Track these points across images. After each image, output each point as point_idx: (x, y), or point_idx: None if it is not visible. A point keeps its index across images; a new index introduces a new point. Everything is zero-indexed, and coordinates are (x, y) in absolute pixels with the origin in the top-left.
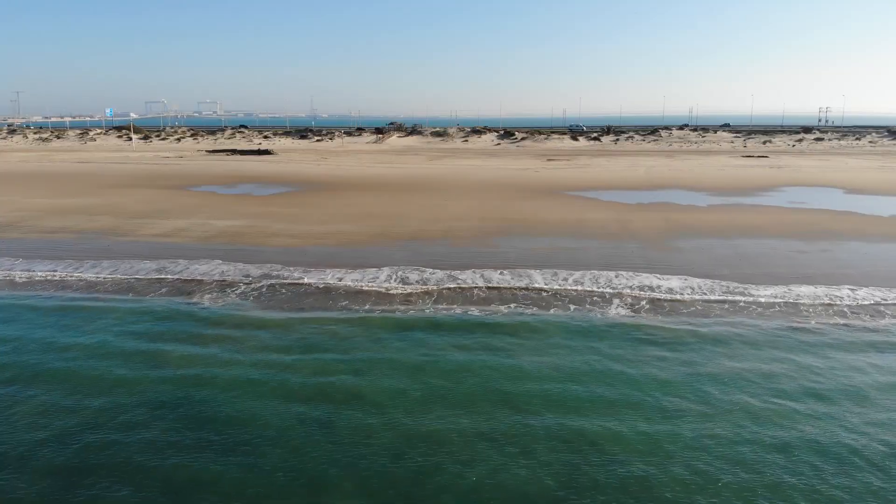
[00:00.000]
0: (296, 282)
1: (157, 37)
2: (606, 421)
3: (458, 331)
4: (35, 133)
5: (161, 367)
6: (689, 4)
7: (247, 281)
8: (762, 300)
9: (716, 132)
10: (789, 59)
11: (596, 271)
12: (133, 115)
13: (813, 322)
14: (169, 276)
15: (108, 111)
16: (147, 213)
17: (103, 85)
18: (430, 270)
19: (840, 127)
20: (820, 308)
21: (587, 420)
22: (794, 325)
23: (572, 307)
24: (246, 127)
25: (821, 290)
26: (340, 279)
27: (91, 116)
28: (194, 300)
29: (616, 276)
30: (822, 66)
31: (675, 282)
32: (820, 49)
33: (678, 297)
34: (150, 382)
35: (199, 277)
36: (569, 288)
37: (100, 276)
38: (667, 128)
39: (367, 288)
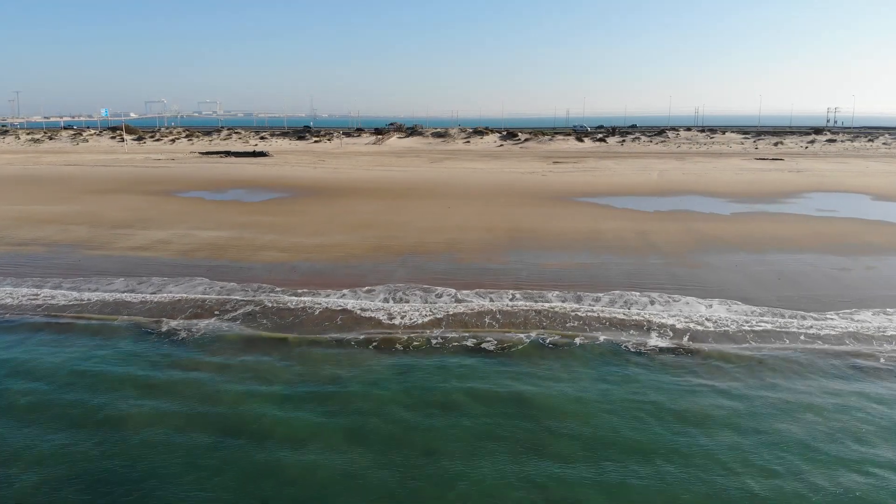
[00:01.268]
0: (282, 306)
1: (158, 37)
2: (662, 484)
3: (471, 370)
4: (28, 134)
5: (109, 420)
6: (692, 4)
7: (225, 307)
8: (823, 332)
9: (724, 133)
10: (796, 60)
11: (623, 293)
12: (133, 115)
13: (883, 359)
14: (137, 299)
15: (103, 111)
16: (127, 223)
17: (104, 85)
18: (435, 292)
19: (850, 128)
20: (891, 339)
21: (635, 481)
22: (865, 359)
23: (602, 338)
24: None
25: (881, 319)
26: (333, 303)
27: (90, 116)
28: (163, 330)
29: (651, 303)
30: (829, 67)
31: (718, 308)
32: (826, 49)
33: (726, 327)
34: (94, 437)
35: (171, 299)
36: (597, 315)
37: (61, 298)
38: (674, 128)
39: (363, 314)
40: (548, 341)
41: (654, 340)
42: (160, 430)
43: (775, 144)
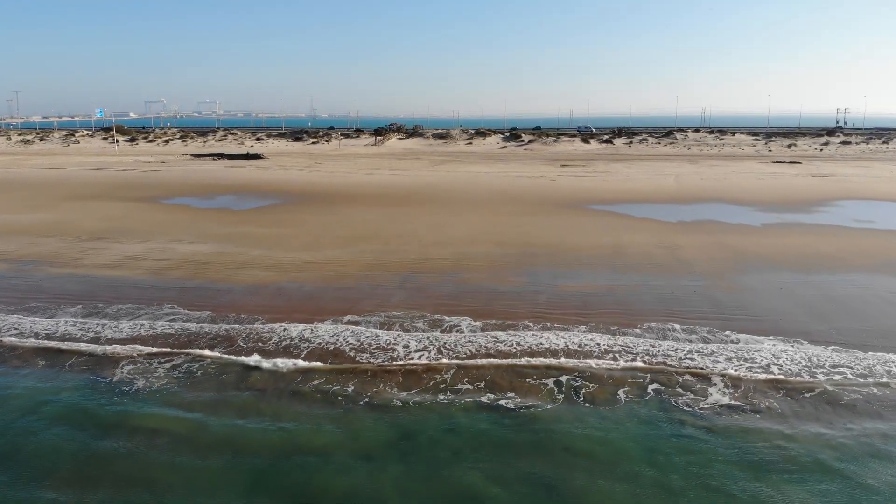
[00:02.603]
0: (259, 346)
1: (158, 37)
2: None
3: (489, 438)
4: (20, 135)
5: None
6: (695, 4)
7: (192, 346)
8: None
9: (734, 134)
10: (801, 60)
11: (662, 326)
12: (132, 115)
13: None
14: (88, 335)
15: (98, 111)
16: (102, 234)
17: (104, 85)
18: (441, 325)
19: (862, 129)
20: None
21: None
22: None
23: (651, 389)
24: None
25: None
26: (321, 339)
27: (89, 116)
28: (114, 378)
29: (703, 341)
30: (835, 67)
31: (780, 348)
32: (830, 49)
33: (798, 375)
34: None
35: (128, 335)
36: (638, 360)
37: (5, 331)
38: (682, 129)
39: (356, 356)
40: (582, 394)
41: (715, 394)
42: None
43: (788, 146)
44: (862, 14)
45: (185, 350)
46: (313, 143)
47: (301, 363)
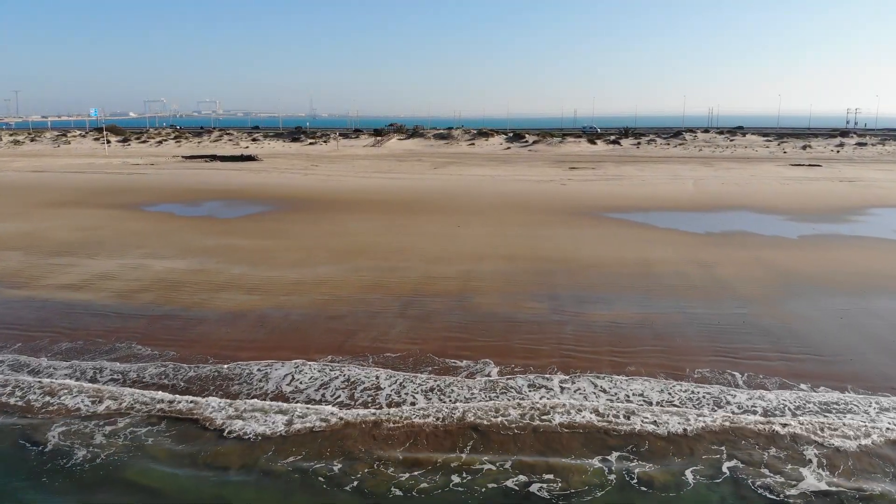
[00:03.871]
0: (227, 400)
1: (159, 37)
2: None
3: None
4: (11, 135)
5: None
6: (698, 5)
7: (139, 401)
8: None
9: (745, 135)
10: (813, 60)
11: (718, 376)
12: (132, 115)
13: None
14: (19, 387)
15: (92, 111)
16: (73, 248)
17: (105, 85)
18: (451, 372)
19: (875, 130)
20: None
21: None
22: None
23: (725, 468)
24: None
25: None
26: (301, 396)
27: (89, 116)
28: (46, 447)
29: (776, 397)
30: (848, 67)
31: (868, 403)
32: (845, 49)
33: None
34: None
35: (59, 388)
36: (700, 422)
37: None
38: (690, 130)
39: (343, 414)
40: (637, 475)
41: (809, 476)
42: None
43: (803, 148)
44: (870, 14)
45: (132, 407)
46: (311, 143)
47: (278, 426)
